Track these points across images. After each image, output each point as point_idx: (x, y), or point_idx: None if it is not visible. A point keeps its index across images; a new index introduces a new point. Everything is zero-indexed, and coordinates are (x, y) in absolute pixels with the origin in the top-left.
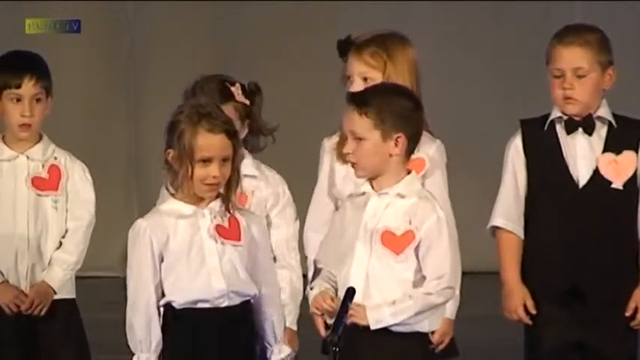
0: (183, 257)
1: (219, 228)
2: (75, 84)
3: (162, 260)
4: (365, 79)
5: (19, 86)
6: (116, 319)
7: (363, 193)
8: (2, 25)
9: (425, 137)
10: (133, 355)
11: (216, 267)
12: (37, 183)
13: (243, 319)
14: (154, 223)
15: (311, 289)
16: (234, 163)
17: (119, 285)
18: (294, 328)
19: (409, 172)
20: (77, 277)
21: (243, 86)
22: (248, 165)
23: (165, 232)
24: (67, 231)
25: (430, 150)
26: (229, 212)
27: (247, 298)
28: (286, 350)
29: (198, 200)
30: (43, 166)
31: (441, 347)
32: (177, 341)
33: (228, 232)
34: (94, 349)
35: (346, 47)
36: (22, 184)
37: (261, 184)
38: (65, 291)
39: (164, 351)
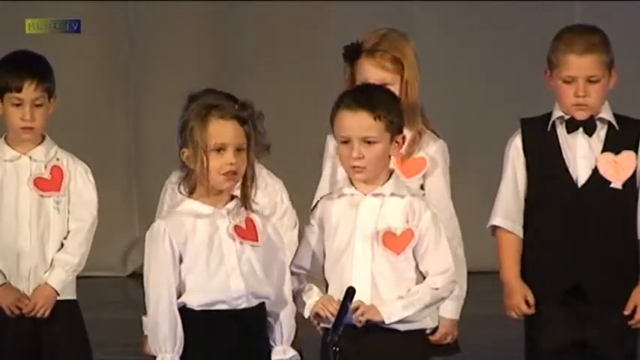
0: (202, 257)
1: (237, 228)
2: (75, 84)
3: (181, 261)
4: (384, 85)
5: (19, 90)
6: (116, 318)
7: (351, 195)
8: (2, 25)
9: (427, 136)
10: (154, 356)
11: (236, 267)
12: (39, 184)
13: (261, 320)
14: (173, 224)
15: (299, 291)
16: (249, 156)
17: (119, 285)
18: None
19: (391, 170)
20: (77, 277)
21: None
22: None
23: (184, 232)
24: (68, 232)
25: (431, 149)
26: (247, 209)
27: (264, 299)
28: (291, 352)
29: (215, 200)
30: (45, 166)
31: (446, 341)
32: (195, 343)
33: (246, 233)
34: (93, 349)
35: (356, 53)
36: (24, 184)
37: (259, 193)
38: (67, 292)
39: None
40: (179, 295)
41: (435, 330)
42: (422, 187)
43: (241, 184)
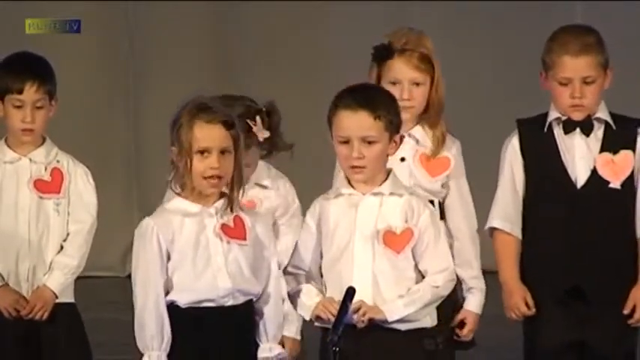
0: (189, 256)
1: (224, 227)
2: (75, 84)
3: (169, 259)
4: (417, 84)
5: (20, 92)
6: (116, 319)
7: (349, 195)
8: (2, 25)
9: (447, 138)
10: (141, 355)
11: (222, 266)
12: (39, 186)
13: (248, 317)
14: (161, 222)
15: (297, 292)
16: (236, 159)
17: (119, 285)
18: (298, 337)
19: (389, 170)
20: (77, 277)
21: (262, 116)
22: (262, 174)
23: (172, 231)
24: (68, 234)
25: (453, 150)
26: (232, 211)
27: (251, 297)
28: (277, 350)
29: (203, 199)
30: (45, 168)
31: (466, 339)
32: (182, 340)
33: (234, 232)
34: (93, 349)
35: (388, 53)
36: (24, 186)
37: (272, 194)
38: (65, 295)
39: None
40: (167, 293)
41: (460, 324)
42: (442, 186)
43: (229, 187)
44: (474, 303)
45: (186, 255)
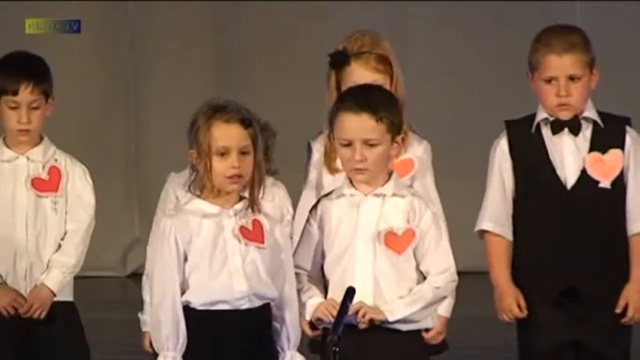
0: (205, 257)
1: (242, 229)
2: (75, 84)
3: (185, 259)
4: None
5: (15, 93)
6: (116, 319)
7: (351, 195)
8: (2, 25)
9: (412, 138)
10: (156, 355)
11: (239, 268)
12: (36, 184)
13: (264, 321)
14: (179, 222)
15: (298, 292)
16: (255, 158)
17: (119, 285)
18: None
19: (390, 171)
20: (77, 277)
21: None
22: None
23: (190, 231)
24: (66, 233)
25: (418, 151)
26: (254, 211)
27: (267, 301)
28: (298, 357)
29: (223, 200)
30: (43, 167)
31: (434, 342)
32: (196, 342)
33: (252, 234)
34: (93, 349)
35: (344, 59)
36: (21, 185)
37: (268, 206)
38: (64, 294)
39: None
40: (183, 293)
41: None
42: None
43: (249, 187)
44: (442, 306)
45: (203, 256)
